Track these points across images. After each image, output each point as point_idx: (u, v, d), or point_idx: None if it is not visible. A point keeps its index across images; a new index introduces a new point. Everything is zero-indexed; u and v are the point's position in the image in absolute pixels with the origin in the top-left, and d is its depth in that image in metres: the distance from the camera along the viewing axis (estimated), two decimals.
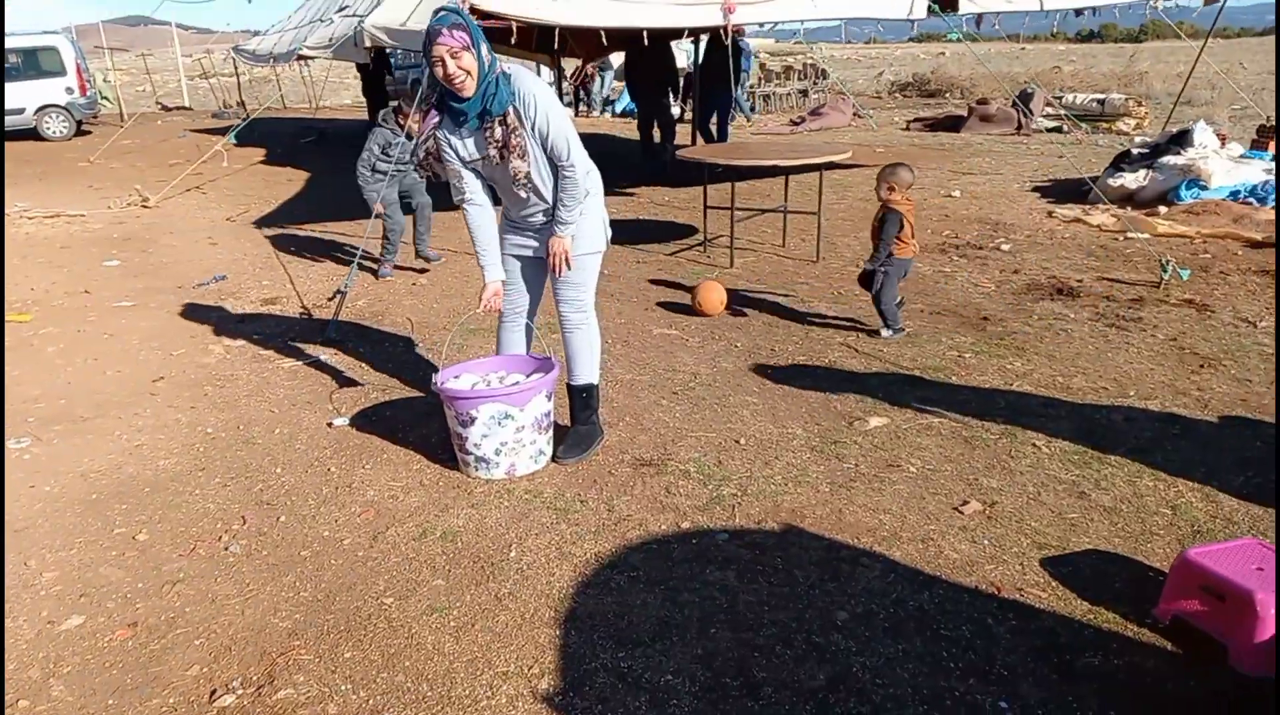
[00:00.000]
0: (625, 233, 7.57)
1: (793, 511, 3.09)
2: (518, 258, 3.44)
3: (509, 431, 3.26)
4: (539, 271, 3.47)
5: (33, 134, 15.76)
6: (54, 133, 15.89)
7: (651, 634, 2.46)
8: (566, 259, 3.27)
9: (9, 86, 15.65)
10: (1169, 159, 7.77)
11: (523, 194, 3.18)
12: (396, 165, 5.96)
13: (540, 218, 3.30)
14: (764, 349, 4.72)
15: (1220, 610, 2.29)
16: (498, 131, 3.00)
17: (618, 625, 2.50)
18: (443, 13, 2.89)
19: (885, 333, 4.88)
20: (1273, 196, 6.98)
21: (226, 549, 2.93)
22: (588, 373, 3.55)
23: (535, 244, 3.38)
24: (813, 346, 4.75)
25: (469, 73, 2.87)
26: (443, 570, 2.79)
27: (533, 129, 3.02)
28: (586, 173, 3.21)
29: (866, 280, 4.89)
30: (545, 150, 3.08)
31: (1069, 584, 2.63)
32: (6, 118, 15.53)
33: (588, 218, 3.31)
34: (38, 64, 15.94)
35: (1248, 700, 2.15)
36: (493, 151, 3.04)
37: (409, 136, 5.80)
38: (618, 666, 2.34)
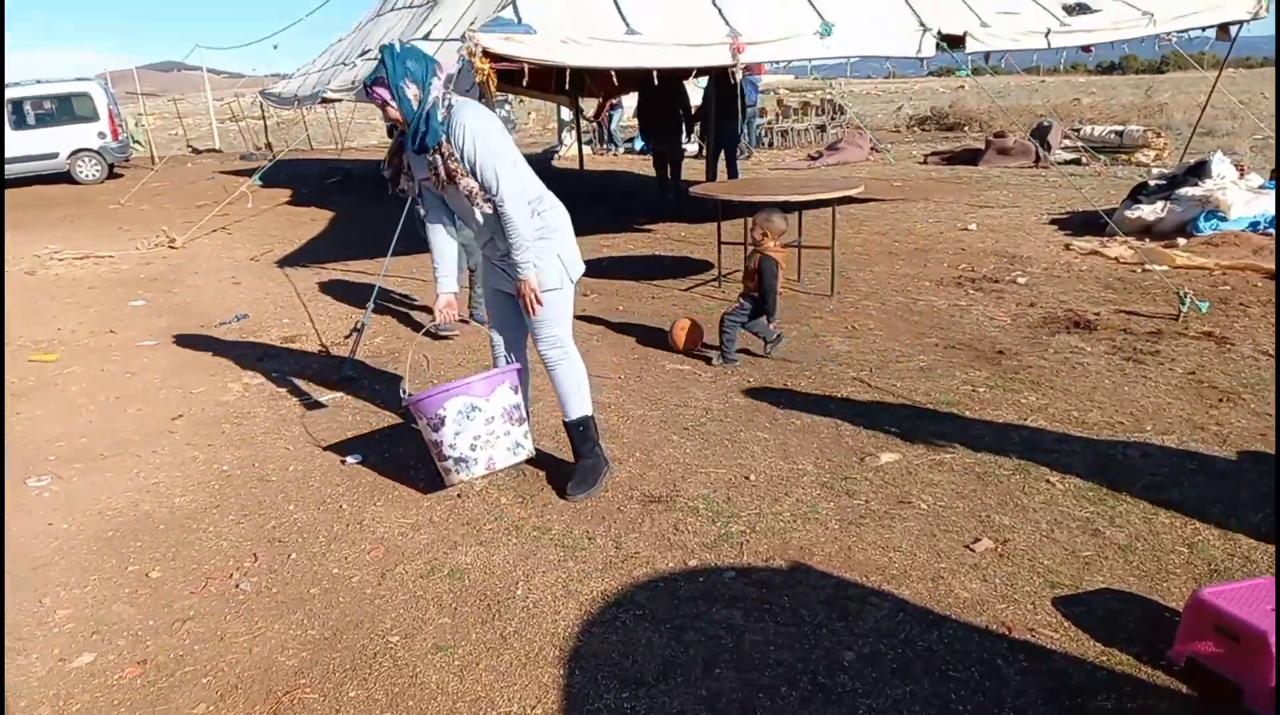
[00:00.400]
0: (641, 269, 7.63)
1: (801, 549, 3.07)
2: (495, 292, 3.53)
3: (479, 424, 3.26)
4: (513, 307, 3.51)
5: (66, 177, 16.17)
6: (86, 176, 16.28)
7: (656, 674, 2.45)
8: (536, 297, 3.29)
9: (45, 132, 16.11)
10: (1187, 190, 7.73)
11: (479, 216, 3.24)
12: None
13: (501, 247, 3.33)
14: (777, 384, 4.72)
15: (1235, 651, 2.25)
16: (436, 159, 3.17)
17: (622, 665, 2.49)
18: (374, 63, 3.13)
19: (716, 361, 5.04)
20: None
21: (237, 586, 2.95)
22: (579, 406, 3.56)
23: (506, 279, 3.43)
24: (825, 381, 4.74)
25: (397, 117, 3.15)
26: (449, 608, 2.79)
27: (462, 157, 3.14)
28: (535, 209, 3.29)
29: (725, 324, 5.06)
30: (477, 180, 3.17)
31: (1082, 624, 2.59)
32: (40, 162, 15.97)
33: (546, 257, 3.34)
34: (71, 109, 16.39)
35: None
36: (432, 174, 3.21)
37: None
38: (621, 707, 2.33)
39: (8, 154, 15.67)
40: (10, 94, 15.97)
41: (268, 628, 2.72)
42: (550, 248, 3.37)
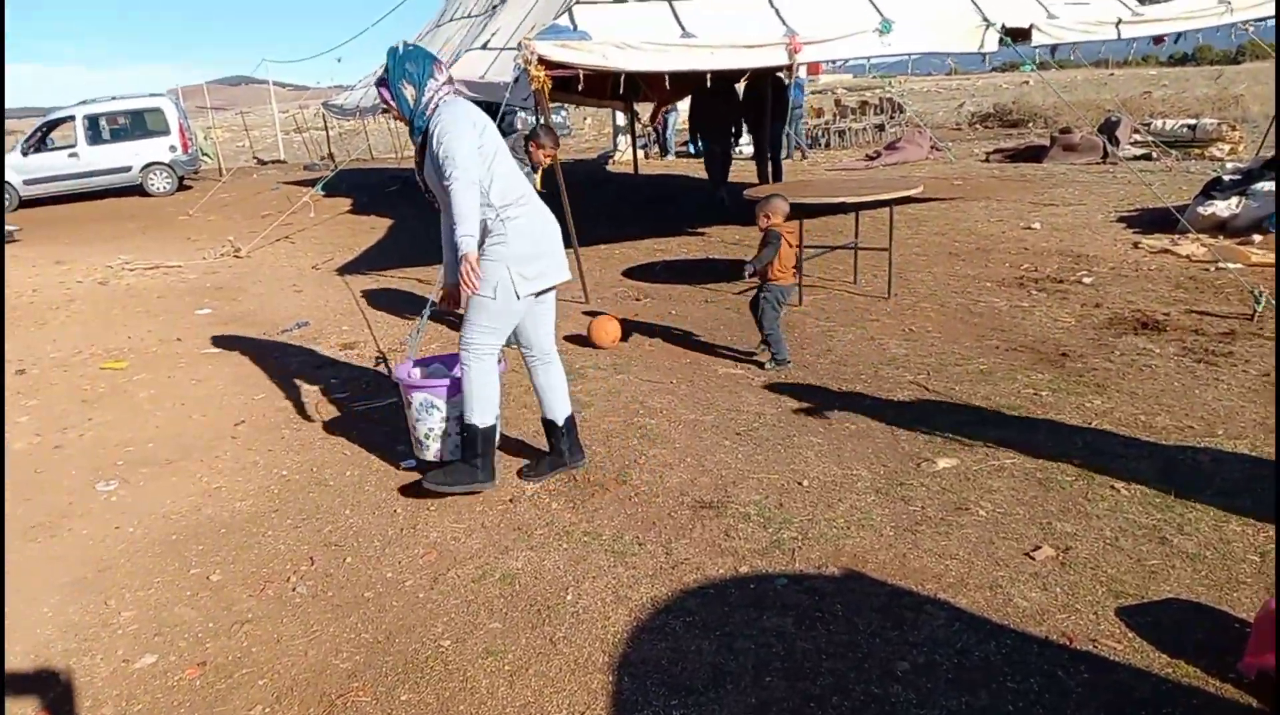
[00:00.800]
0: (694, 273, 7.61)
1: (855, 556, 3.01)
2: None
3: (435, 420, 3.59)
4: None
5: (138, 190, 16.76)
6: (158, 188, 16.87)
7: (705, 682, 2.43)
8: (474, 270, 3.15)
9: (119, 147, 16.74)
10: (1263, 185, 7.42)
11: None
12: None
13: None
14: (832, 387, 4.65)
15: None
16: (423, 154, 3.35)
17: (671, 672, 2.48)
18: (380, 71, 3.31)
19: (768, 364, 5.03)
20: None
21: (294, 589, 3.01)
22: (469, 412, 3.45)
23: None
24: (881, 385, 4.67)
25: (398, 114, 3.37)
26: (500, 613, 2.81)
27: (436, 144, 3.21)
28: (502, 216, 3.29)
29: (754, 307, 5.09)
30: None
31: (1147, 635, 2.50)
32: (115, 176, 16.59)
33: (493, 263, 3.30)
34: (144, 124, 17.00)
35: None
36: (417, 167, 3.41)
37: (534, 168, 5.77)
38: None
39: (84, 168, 16.33)
40: (86, 110, 16.63)
41: (323, 630, 2.76)
42: (501, 256, 3.31)
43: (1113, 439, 3.80)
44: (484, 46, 8.22)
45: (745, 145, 13.58)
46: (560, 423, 3.73)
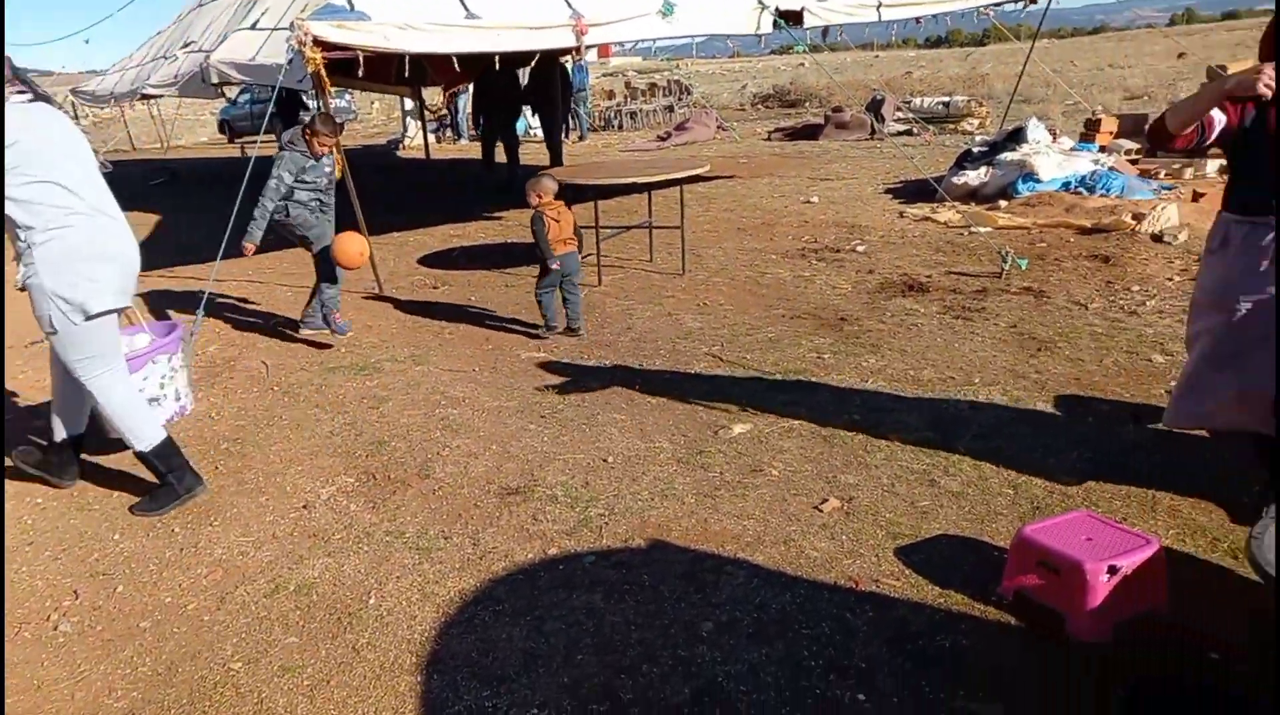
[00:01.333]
0: (493, 258, 7.51)
1: (659, 526, 3.09)
2: None
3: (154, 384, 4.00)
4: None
5: None
6: None
7: (517, 668, 2.41)
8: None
9: None
10: (1006, 155, 8.22)
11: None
12: (320, 194, 5.29)
13: None
14: (633, 364, 4.74)
15: (1056, 583, 2.40)
16: None
17: (481, 663, 2.44)
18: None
19: (541, 332, 5.32)
20: (1101, 184, 7.47)
21: (56, 628, 2.72)
22: (131, 441, 3.31)
23: None
24: (680, 358, 4.80)
25: None
26: (296, 626, 2.66)
27: None
28: (31, 241, 2.98)
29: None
30: None
31: (922, 571, 2.72)
32: None
33: (39, 298, 3.03)
34: None
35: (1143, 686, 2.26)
36: None
37: (316, 158, 5.34)
38: (481, 706, 2.28)
39: None
40: None
41: (92, 670, 2.51)
42: (43, 287, 3.02)
43: (886, 395, 4.10)
44: (253, 26, 7.67)
45: (537, 129, 13.56)
46: (74, 436, 3.57)
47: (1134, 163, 8.60)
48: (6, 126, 2.89)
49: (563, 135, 11.98)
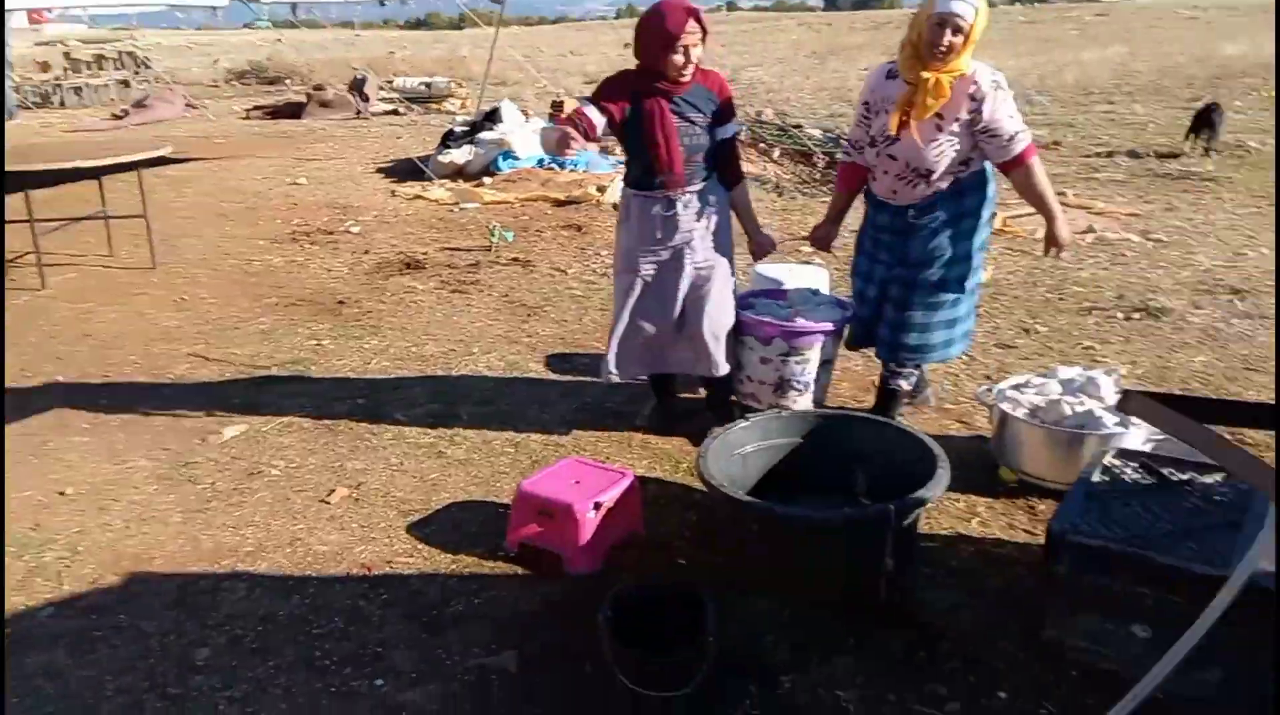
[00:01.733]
0: None
1: (137, 556, 2.70)
2: None
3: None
4: None
5: None
6: None
7: None
8: None
9: None
10: (485, 135, 8.62)
11: None
12: None
13: None
14: (94, 377, 4.08)
15: (552, 527, 2.59)
16: None
17: None
18: None
19: None
20: (569, 160, 8.18)
21: None
22: None
23: None
24: (156, 362, 4.25)
25: None
26: None
27: None
28: None
29: None
30: None
31: (433, 542, 2.74)
32: None
33: None
34: None
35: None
36: None
37: None
38: None
39: None
40: None
41: None
42: None
43: (390, 374, 4.07)
44: None
45: None
46: None
47: None
48: None
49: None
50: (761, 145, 8.64)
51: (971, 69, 2.74)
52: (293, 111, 13.61)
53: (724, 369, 3.16)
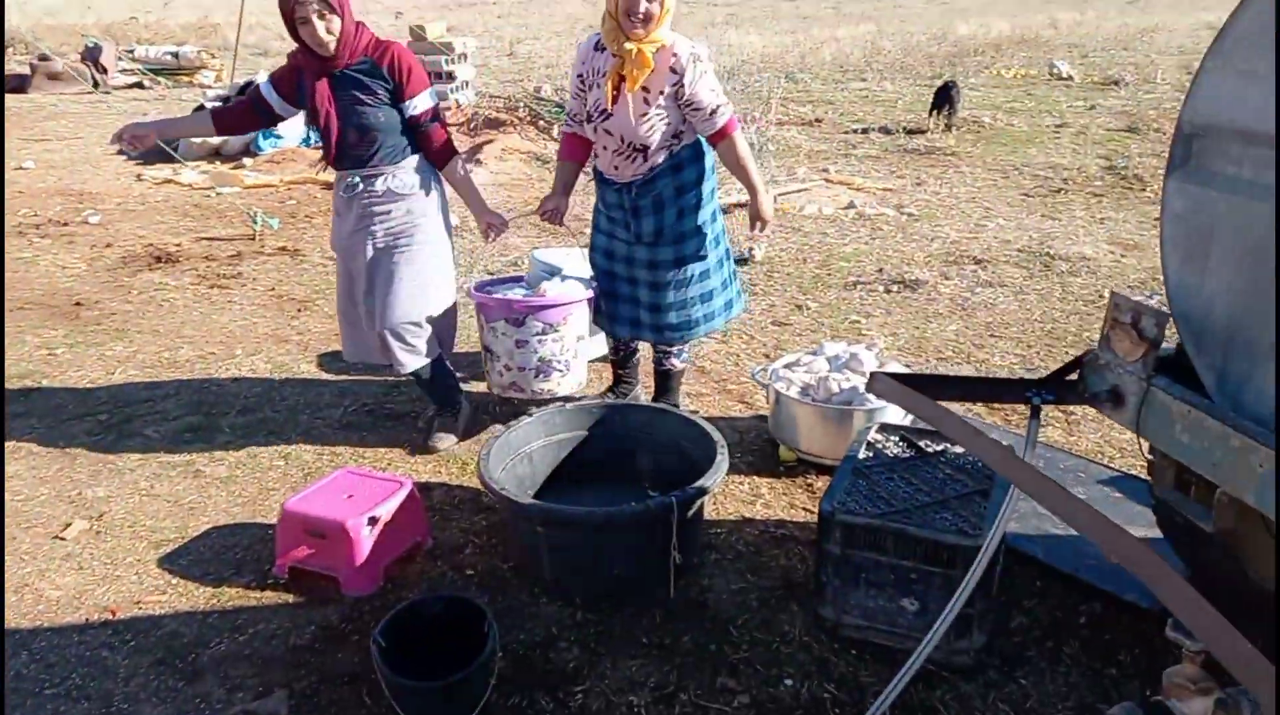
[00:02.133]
0: None
1: None
2: None
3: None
4: None
5: None
6: None
7: None
8: None
9: None
10: None
11: None
12: None
13: None
14: None
15: (324, 547, 2.41)
16: None
17: None
18: None
19: None
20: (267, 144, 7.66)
21: None
22: None
23: None
24: None
25: None
26: None
27: None
28: None
29: None
30: None
31: (191, 575, 2.49)
32: None
33: None
34: None
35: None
36: None
37: None
38: None
39: None
40: None
41: None
42: None
43: (139, 384, 3.67)
44: None
45: None
46: None
47: None
48: None
49: None
50: (541, 122, 8.54)
51: (671, 41, 2.79)
52: (16, 86, 11.99)
53: (408, 364, 3.01)
